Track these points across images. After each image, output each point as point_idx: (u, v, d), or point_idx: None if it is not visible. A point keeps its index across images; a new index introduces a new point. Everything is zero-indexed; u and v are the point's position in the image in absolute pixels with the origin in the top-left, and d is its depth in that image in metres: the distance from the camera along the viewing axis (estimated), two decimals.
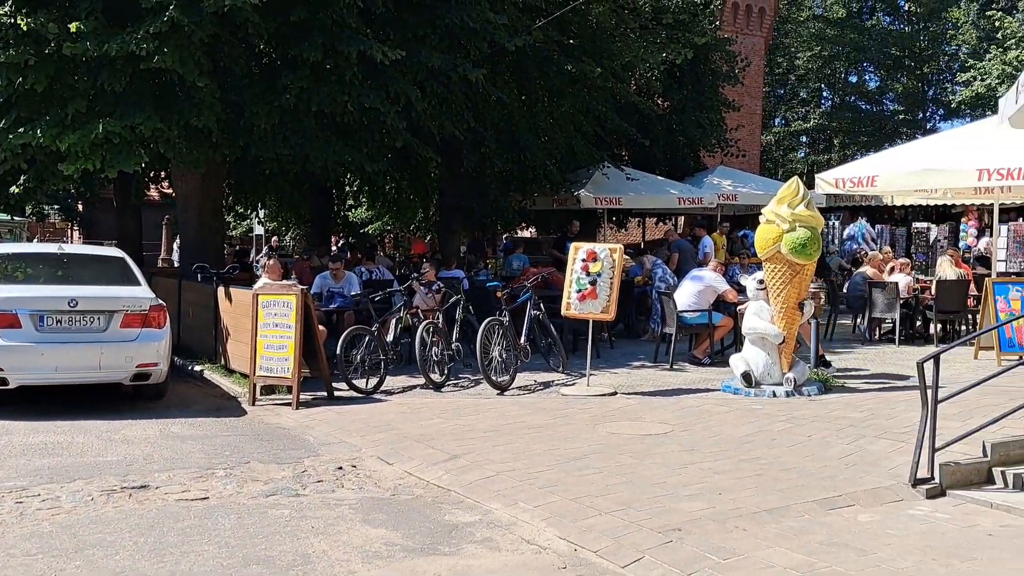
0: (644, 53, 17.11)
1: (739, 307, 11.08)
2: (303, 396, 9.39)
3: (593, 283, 9.93)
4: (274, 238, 30.08)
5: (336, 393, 9.65)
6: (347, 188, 23.60)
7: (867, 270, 14.24)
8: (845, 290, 14.78)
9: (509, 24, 13.74)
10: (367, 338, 10.10)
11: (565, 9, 14.50)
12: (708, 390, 9.87)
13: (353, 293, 11.92)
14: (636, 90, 20.10)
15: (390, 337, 10.66)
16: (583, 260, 10.02)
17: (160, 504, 5.88)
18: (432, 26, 13.13)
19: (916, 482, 6.03)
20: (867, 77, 47.76)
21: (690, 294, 11.76)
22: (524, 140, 16.99)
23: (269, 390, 9.85)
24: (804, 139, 47.85)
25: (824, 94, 47.93)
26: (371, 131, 13.73)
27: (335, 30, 12.02)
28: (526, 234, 27.57)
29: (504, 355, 10.13)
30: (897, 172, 12.98)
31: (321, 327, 10.23)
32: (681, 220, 27.58)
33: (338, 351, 9.72)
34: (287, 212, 25.45)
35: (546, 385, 10.31)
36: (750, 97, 32.36)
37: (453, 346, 10.58)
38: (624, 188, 19.71)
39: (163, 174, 18.47)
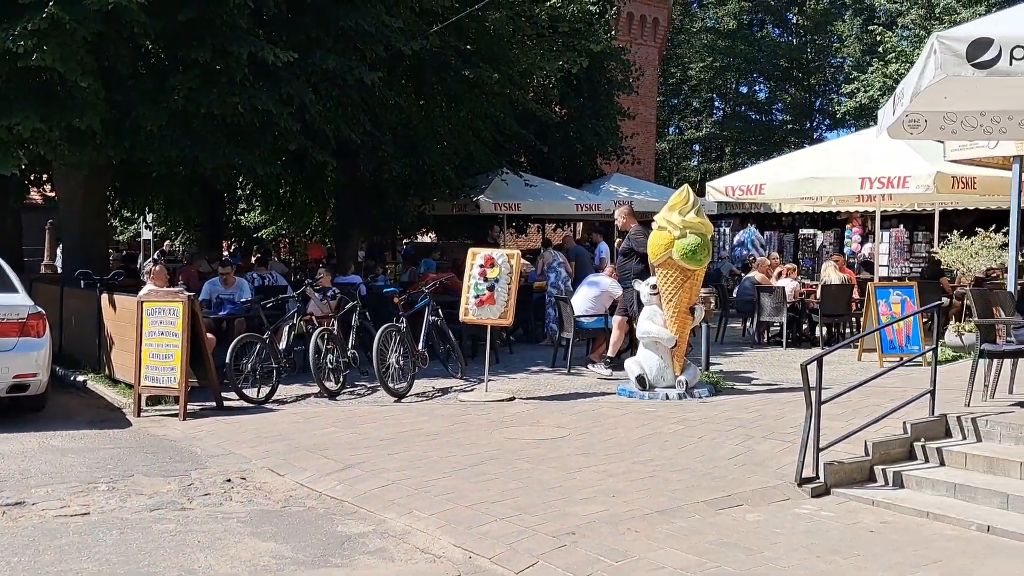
0: (541, 60, 17.23)
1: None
2: (191, 407, 9.09)
3: (491, 288, 9.92)
4: (167, 243, 29.17)
5: (226, 403, 9.39)
6: (240, 191, 23.06)
7: (755, 275, 14.64)
8: (735, 295, 15.16)
9: (406, 28, 13.64)
10: (258, 346, 9.86)
11: (462, 14, 14.50)
12: (604, 393, 9.98)
13: (244, 300, 11.62)
14: (534, 97, 20.24)
15: (283, 345, 10.45)
16: (481, 266, 10.01)
17: (37, 521, 5.61)
18: (326, 28, 12.93)
19: (802, 481, 6.21)
20: (757, 88, 49.35)
21: (587, 299, 11.88)
22: (423, 145, 16.89)
23: (155, 401, 9.52)
24: (697, 147, 49.10)
25: (716, 104, 49.28)
26: (264, 133, 13.43)
27: (225, 31, 11.72)
28: (426, 239, 27.48)
29: (401, 362, 10.03)
30: (784, 180, 13.44)
31: (210, 335, 9.95)
32: (580, 226, 27.91)
33: (228, 360, 9.45)
34: (176, 216, 24.70)
35: (444, 391, 10.26)
36: (645, 106, 32.98)
37: (349, 353, 10.43)
38: (523, 194, 19.81)
39: (45, 176, 17.69)
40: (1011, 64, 5.59)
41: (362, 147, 15.64)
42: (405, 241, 25.95)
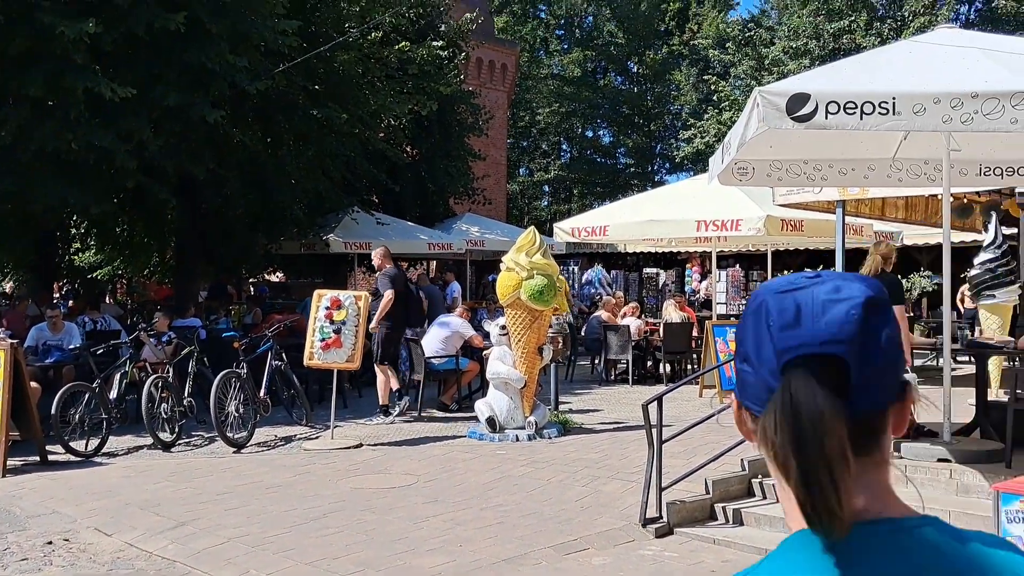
0: (390, 102, 17.21)
1: (484, 352, 11.26)
2: (12, 462, 8.48)
3: (337, 331, 9.73)
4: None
5: (51, 457, 8.79)
6: (73, 230, 21.89)
7: (602, 314, 14.98)
8: (583, 332, 15.45)
9: (251, 67, 13.36)
10: (87, 395, 9.31)
11: (308, 55, 14.32)
12: (455, 437, 9.91)
13: (72, 346, 10.97)
14: (385, 137, 20.19)
15: (114, 394, 9.90)
16: (327, 308, 9.81)
17: None
18: (168, 64, 12.52)
19: (646, 522, 6.32)
20: (601, 132, 50.93)
21: (437, 340, 11.82)
22: (270, 182, 16.51)
23: None
24: (547, 188, 50.12)
25: (564, 147, 50.53)
26: (99, 170, 12.82)
27: (60, 65, 11.16)
28: (274, 279, 26.81)
29: (241, 410, 9.67)
30: (626, 222, 13.84)
31: (34, 384, 9.33)
32: (432, 265, 27.89)
33: (54, 411, 8.87)
34: (4, 256, 23.18)
35: (288, 440, 9.94)
36: (495, 148, 33.43)
37: (185, 402, 9.98)
38: (374, 233, 19.64)
39: None
40: (826, 118, 5.93)
41: (205, 183, 15.17)
42: (252, 280, 25.22)
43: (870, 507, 0.98)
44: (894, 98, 6.00)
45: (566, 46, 51.31)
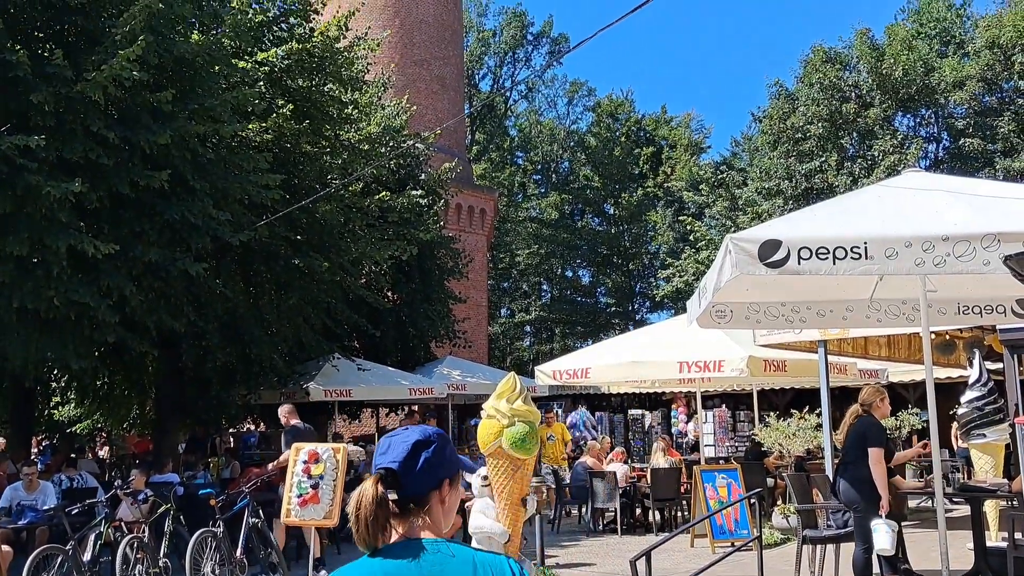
0: (371, 250, 17.43)
1: (467, 504, 10.99)
2: None
3: (315, 487, 9.47)
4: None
5: None
6: (53, 385, 21.62)
7: (587, 460, 14.75)
8: (569, 480, 15.17)
9: (234, 220, 13.56)
10: (60, 558, 8.96)
11: (291, 208, 14.56)
12: None
13: (47, 507, 10.65)
14: (365, 283, 20.35)
15: (88, 556, 9.53)
16: (304, 462, 9.58)
17: None
18: (151, 221, 12.69)
19: None
20: (581, 272, 51.68)
21: None
22: (249, 333, 16.46)
23: None
24: (528, 329, 50.35)
25: (544, 287, 51.12)
26: (79, 325, 12.78)
27: (44, 223, 11.29)
28: (252, 427, 26.37)
29: (218, 571, 9.33)
30: (608, 364, 13.83)
31: (6, 547, 9.02)
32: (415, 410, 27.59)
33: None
34: None
35: None
36: (476, 290, 33.73)
37: (161, 563, 9.63)
38: (355, 379, 19.49)
39: None
40: (799, 263, 6.03)
41: (184, 336, 15.12)
42: (232, 431, 24.81)
43: (409, 534, 2.05)
44: (866, 243, 6.10)
45: (543, 190, 52.71)
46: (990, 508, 9.45)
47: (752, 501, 11.29)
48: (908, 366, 14.52)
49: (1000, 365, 11.45)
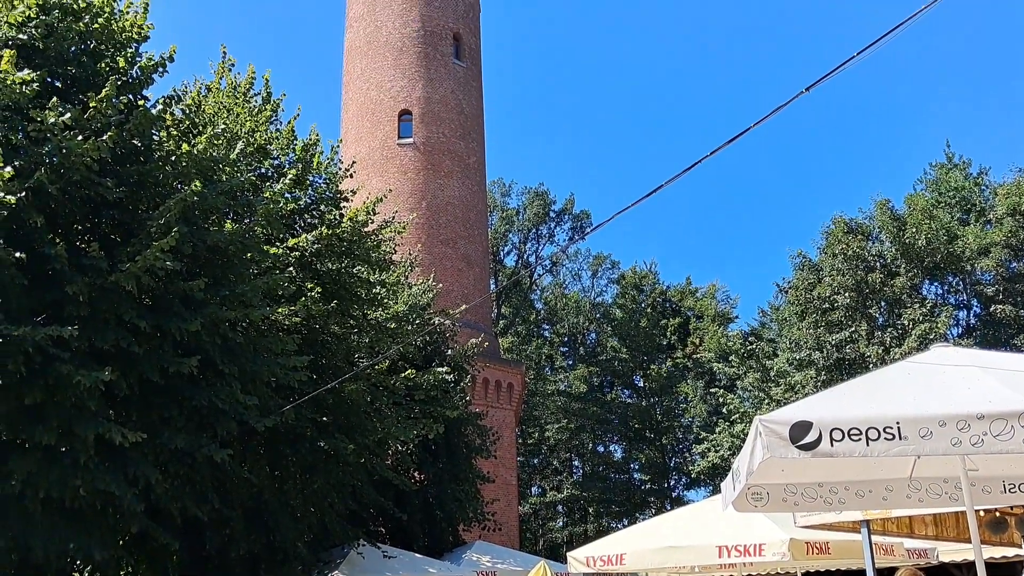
0: (397, 429, 17.30)
1: None
2: None
3: None
4: None
5: None
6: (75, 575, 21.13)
7: None
8: None
9: (261, 404, 13.56)
10: None
11: (318, 391, 14.58)
12: None
13: None
14: (391, 464, 20.09)
15: None
16: None
17: None
18: (179, 407, 12.72)
19: None
20: (613, 447, 50.83)
21: None
22: (273, 519, 16.14)
23: None
24: (561, 508, 49.10)
25: (575, 464, 50.22)
26: (103, 515, 12.59)
27: (73, 412, 11.33)
28: None
29: None
30: (644, 549, 13.29)
31: None
32: None
33: None
34: None
35: None
36: (505, 468, 33.16)
37: None
38: (381, 567, 18.89)
39: None
40: (832, 445, 5.85)
41: (209, 524, 14.83)
42: None
43: None
44: (898, 423, 5.94)
45: (571, 362, 52.74)
46: None
47: None
48: (959, 545, 13.84)
49: None
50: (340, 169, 18.86)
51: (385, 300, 19.51)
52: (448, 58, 36.23)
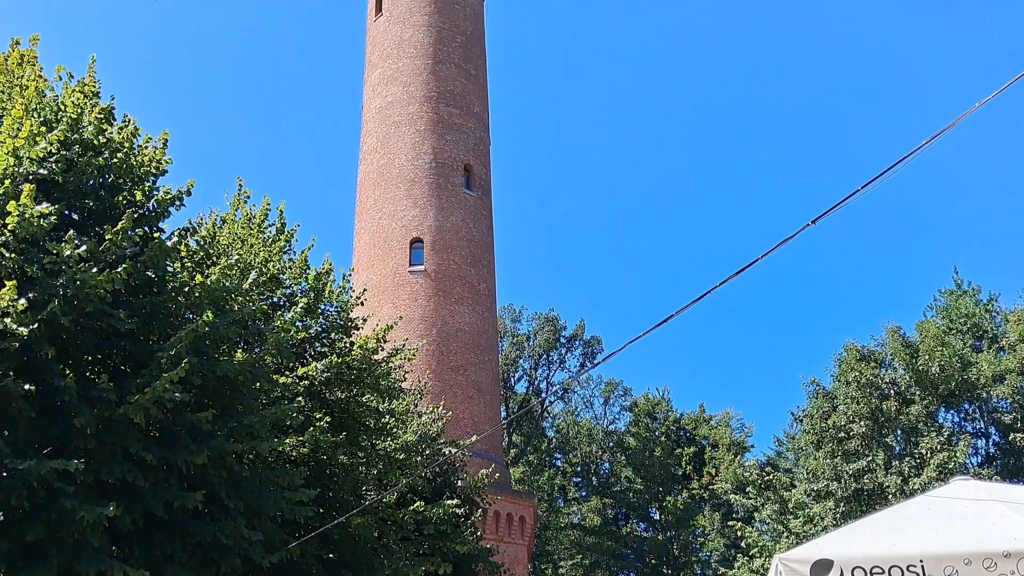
0: (404, 566, 16.81)
1: None
2: None
3: None
4: None
5: None
6: None
7: None
8: None
9: (266, 540, 13.24)
10: None
11: (325, 527, 14.26)
12: None
13: None
14: None
15: None
16: None
17: None
18: (182, 543, 12.42)
19: None
20: None
21: None
22: None
23: None
24: None
25: None
26: None
27: (75, 549, 11.07)
28: None
29: None
30: None
31: None
32: None
33: None
34: None
35: None
36: None
37: None
38: None
39: None
40: None
41: None
42: None
43: None
44: (922, 560, 5.77)
45: (584, 493, 51.71)
46: None
47: None
48: None
49: None
50: (351, 297, 19.00)
51: (395, 429, 19.30)
52: (459, 188, 37.04)
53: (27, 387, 10.86)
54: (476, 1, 41.74)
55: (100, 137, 12.92)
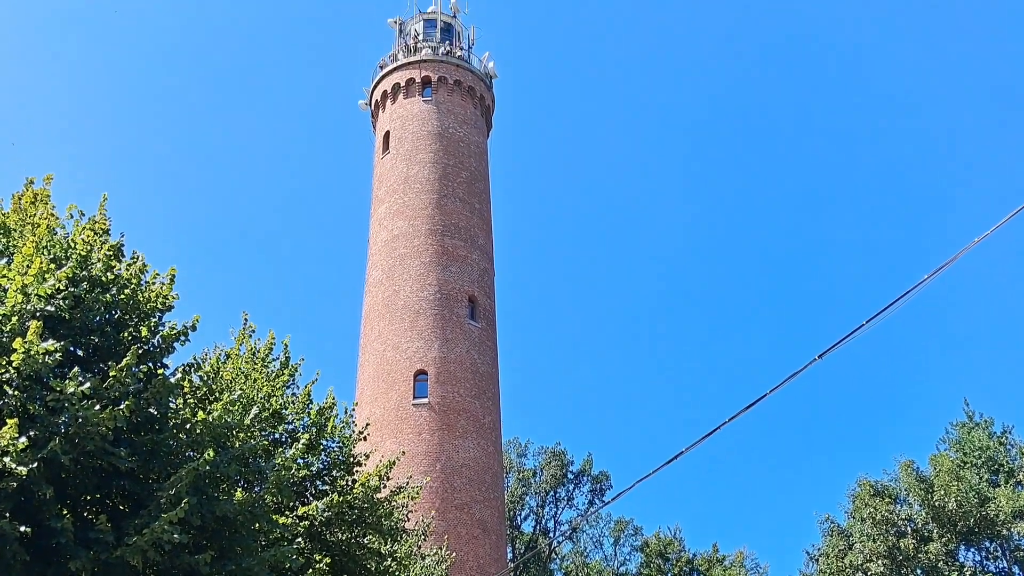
0: None
1: None
2: None
3: None
4: None
5: None
6: None
7: None
8: None
9: None
10: None
11: None
12: None
13: None
14: None
15: None
16: None
17: None
18: None
19: None
20: None
21: None
22: None
23: None
24: None
25: None
26: None
27: None
28: None
29: None
30: None
31: None
32: None
33: None
34: None
35: None
36: None
37: None
38: None
39: None
40: None
41: None
42: None
43: None
44: None
45: None
46: None
47: None
48: None
49: None
50: (354, 432, 18.72)
51: (397, 573, 18.68)
52: (463, 319, 37.10)
53: (23, 529, 10.56)
54: (480, 139, 42.89)
55: (108, 274, 12.99)
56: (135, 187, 78.35)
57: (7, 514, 10.66)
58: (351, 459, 17.78)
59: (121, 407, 11.44)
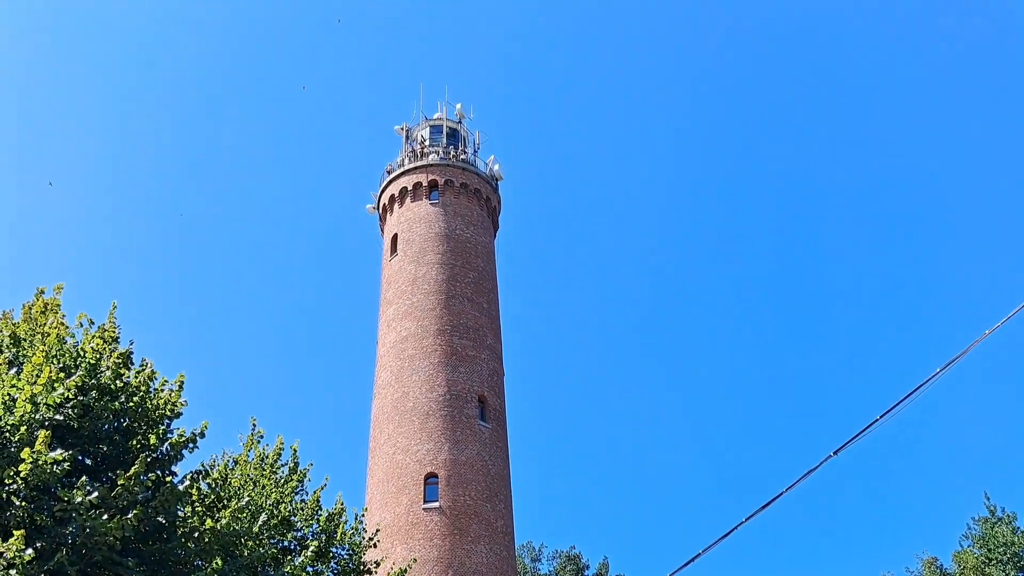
0: None
1: None
2: None
3: None
4: None
5: None
6: None
7: None
8: None
9: None
10: None
11: None
12: None
13: None
14: None
15: None
16: None
17: None
18: None
19: None
20: None
21: None
22: None
23: None
24: None
25: None
26: None
27: None
28: None
29: None
30: None
31: None
32: None
33: None
34: None
35: None
36: None
37: None
38: None
39: None
40: None
41: None
42: None
43: None
44: None
45: None
46: None
47: None
48: None
49: None
50: (364, 539, 18.38)
51: None
52: (474, 420, 36.78)
53: None
54: (487, 239, 43.33)
55: (118, 381, 13.02)
56: (144, 292, 78.95)
57: None
58: (362, 567, 17.42)
59: (129, 516, 11.33)
